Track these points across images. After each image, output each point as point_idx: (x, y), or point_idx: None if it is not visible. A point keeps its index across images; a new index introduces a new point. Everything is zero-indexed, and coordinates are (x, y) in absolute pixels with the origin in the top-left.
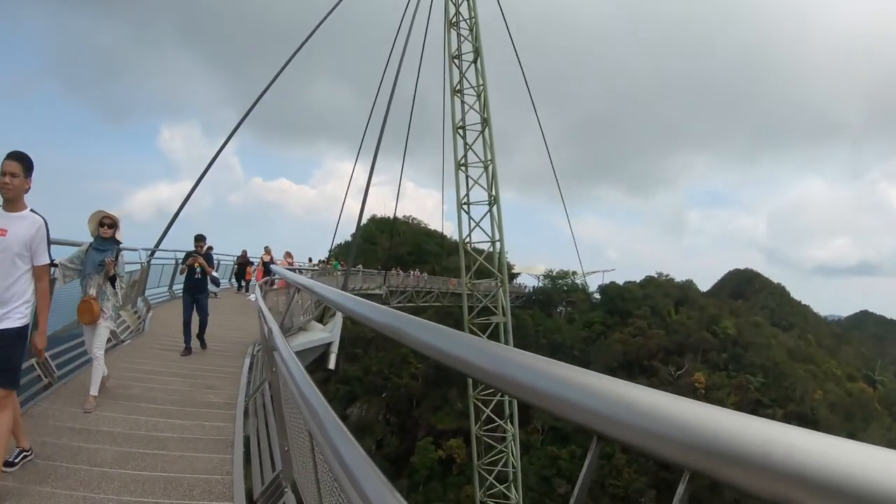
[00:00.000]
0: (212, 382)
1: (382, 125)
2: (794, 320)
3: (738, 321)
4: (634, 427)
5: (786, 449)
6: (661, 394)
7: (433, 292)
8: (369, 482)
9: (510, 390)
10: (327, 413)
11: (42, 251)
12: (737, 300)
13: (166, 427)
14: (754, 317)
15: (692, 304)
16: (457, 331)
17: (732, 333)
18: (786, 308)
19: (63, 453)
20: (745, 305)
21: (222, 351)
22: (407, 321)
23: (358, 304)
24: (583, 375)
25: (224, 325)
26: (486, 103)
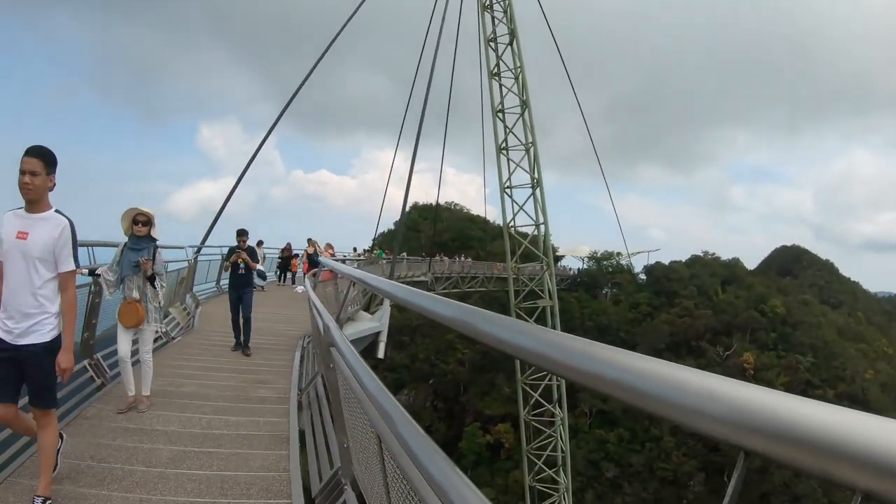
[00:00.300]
0: (264, 377)
1: (422, 112)
2: (844, 297)
3: (786, 299)
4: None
5: (844, 430)
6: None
7: (478, 277)
8: (449, 483)
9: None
10: (398, 411)
11: (66, 256)
12: (784, 278)
13: (220, 424)
14: (803, 295)
15: (739, 282)
16: (539, 326)
17: (781, 312)
18: (834, 285)
19: (118, 454)
20: (793, 283)
21: (272, 345)
22: (470, 312)
23: (415, 295)
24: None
25: (272, 318)
26: (524, 85)
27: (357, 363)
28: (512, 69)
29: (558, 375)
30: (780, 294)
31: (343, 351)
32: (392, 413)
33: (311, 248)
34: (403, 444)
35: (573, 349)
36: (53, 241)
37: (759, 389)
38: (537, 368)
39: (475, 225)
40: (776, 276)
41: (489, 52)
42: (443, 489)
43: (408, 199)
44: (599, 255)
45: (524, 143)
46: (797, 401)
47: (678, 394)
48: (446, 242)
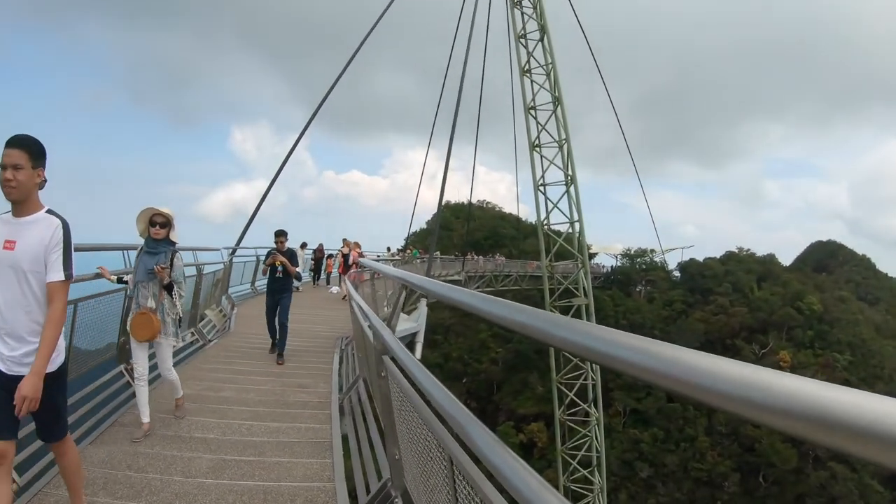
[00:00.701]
0: (303, 381)
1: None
2: (881, 294)
3: (822, 296)
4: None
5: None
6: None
7: (511, 276)
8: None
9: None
10: (483, 434)
11: (55, 263)
12: (820, 274)
13: (261, 431)
14: (839, 291)
15: (775, 279)
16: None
17: (818, 309)
18: (872, 281)
19: (156, 464)
20: (830, 279)
21: (310, 347)
22: (544, 318)
23: (470, 296)
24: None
25: (308, 320)
26: (556, 81)
27: (424, 377)
28: (543, 65)
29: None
30: (817, 291)
31: (402, 361)
32: (475, 435)
33: (346, 248)
34: (491, 470)
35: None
36: (44, 247)
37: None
38: (573, 368)
39: (507, 223)
40: (812, 273)
41: (520, 48)
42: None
43: (443, 196)
44: (633, 252)
45: (557, 140)
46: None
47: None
48: (479, 241)
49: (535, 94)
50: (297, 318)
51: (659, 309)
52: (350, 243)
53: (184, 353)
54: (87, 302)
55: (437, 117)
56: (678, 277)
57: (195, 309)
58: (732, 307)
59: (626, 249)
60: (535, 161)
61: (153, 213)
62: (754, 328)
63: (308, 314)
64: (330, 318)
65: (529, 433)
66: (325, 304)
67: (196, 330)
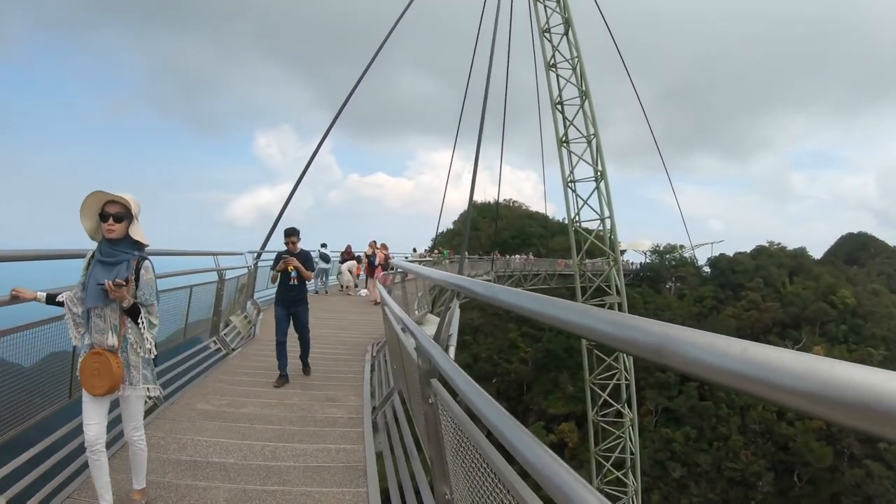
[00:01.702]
0: (332, 393)
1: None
2: None
3: (855, 290)
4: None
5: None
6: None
7: (540, 275)
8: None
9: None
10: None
11: None
12: (851, 267)
13: (286, 454)
14: (871, 284)
15: (807, 273)
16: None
17: (851, 303)
18: None
19: (168, 496)
20: (862, 272)
21: (338, 355)
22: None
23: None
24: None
25: (335, 325)
26: (583, 75)
27: (492, 411)
28: (569, 59)
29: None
30: (849, 284)
31: (458, 386)
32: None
33: (370, 250)
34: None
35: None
36: None
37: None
38: (606, 368)
39: (534, 222)
40: (844, 266)
41: (544, 43)
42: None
43: (473, 195)
44: (662, 248)
45: (585, 135)
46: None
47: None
48: (506, 240)
49: (562, 88)
50: (323, 324)
51: (689, 305)
52: (377, 245)
53: (205, 364)
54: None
55: (462, 117)
56: (708, 273)
57: (217, 317)
58: (764, 302)
59: (654, 246)
60: (563, 157)
61: (104, 200)
62: (787, 323)
63: (335, 319)
64: (358, 323)
65: (560, 433)
66: (352, 307)
67: (218, 339)
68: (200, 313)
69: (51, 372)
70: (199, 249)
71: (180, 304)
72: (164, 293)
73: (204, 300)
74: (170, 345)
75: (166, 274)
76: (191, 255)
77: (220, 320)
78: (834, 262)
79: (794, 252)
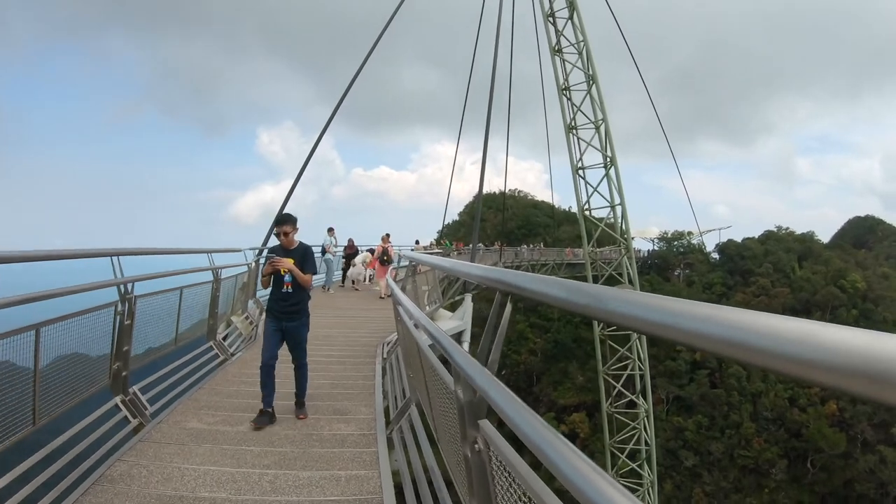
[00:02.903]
0: (340, 404)
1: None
2: None
3: (865, 273)
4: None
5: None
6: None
7: (548, 264)
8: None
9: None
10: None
11: None
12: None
13: (288, 485)
14: (881, 268)
15: (816, 257)
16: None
17: (861, 287)
18: None
19: None
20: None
21: (346, 357)
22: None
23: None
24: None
25: (342, 323)
26: (589, 58)
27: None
28: (574, 44)
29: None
30: (858, 268)
31: (524, 430)
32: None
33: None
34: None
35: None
36: None
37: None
38: (620, 358)
39: (540, 211)
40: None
41: (549, 28)
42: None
43: (483, 187)
44: (670, 235)
45: (594, 121)
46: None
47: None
48: (512, 230)
49: (569, 74)
50: (328, 323)
51: (699, 292)
52: (388, 239)
53: (200, 373)
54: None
55: (465, 107)
56: (717, 259)
57: (213, 320)
58: (774, 288)
59: (662, 233)
60: (571, 144)
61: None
62: (797, 309)
63: (341, 317)
64: (366, 321)
65: (571, 424)
66: (359, 303)
67: (216, 343)
68: (194, 317)
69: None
70: (197, 247)
71: (170, 308)
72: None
73: (198, 302)
74: (158, 354)
75: (152, 275)
76: (181, 253)
77: (217, 323)
78: (843, 246)
79: (803, 237)
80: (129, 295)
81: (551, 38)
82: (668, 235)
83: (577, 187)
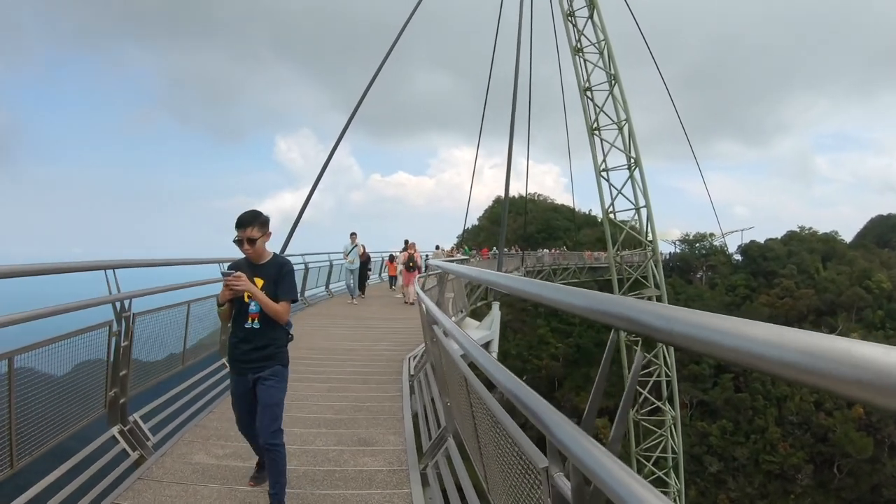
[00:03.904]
0: (365, 432)
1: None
2: None
3: (890, 273)
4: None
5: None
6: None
7: (570, 269)
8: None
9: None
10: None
11: None
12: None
13: None
14: None
15: (840, 258)
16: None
17: (887, 287)
18: None
19: None
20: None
21: (369, 374)
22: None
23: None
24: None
25: (363, 335)
26: (611, 57)
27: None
28: (595, 43)
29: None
30: (883, 268)
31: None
32: None
33: (413, 250)
34: None
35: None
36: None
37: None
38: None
39: (560, 215)
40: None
41: (569, 28)
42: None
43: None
44: (691, 237)
45: (616, 122)
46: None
47: None
48: (532, 234)
49: (590, 73)
50: (348, 335)
51: (721, 295)
52: (415, 248)
53: (211, 395)
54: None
55: (482, 111)
56: (739, 261)
57: (226, 335)
58: (798, 289)
59: (684, 235)
60: (594, 145)
61: None
62: (822, 310)
63: (362, 328)
64: (389, 331)
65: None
66: (381, 311)
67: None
68: (204, 332)
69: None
70: (210, 257)
71: (176, 325)
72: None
73: (209, 316)
74: (162, 376)
75: (152, 290)
76: (188, 264)
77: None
78: (867, 245)
79: (826, 237)
80: (126, 313)
81: (572, 38)
82: (689, 237)
83: (601, 190)
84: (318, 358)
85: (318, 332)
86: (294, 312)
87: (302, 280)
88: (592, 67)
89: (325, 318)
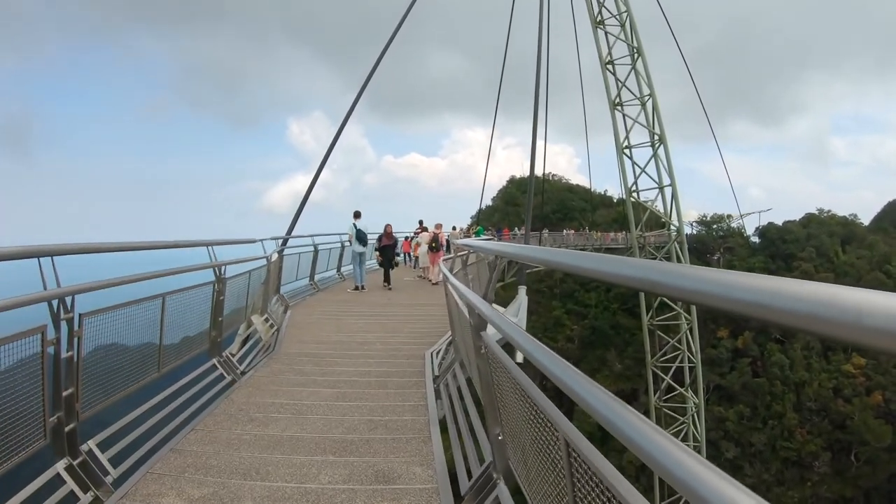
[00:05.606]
0: (383, 460)
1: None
2: None
3: None
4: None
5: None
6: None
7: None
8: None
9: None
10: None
11: None
12: None
13: None
14: None
15: (859, 241)
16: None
17: None
18: None
19: None
20: None
21: (386, 375)
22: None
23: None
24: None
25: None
26: (634, 29)
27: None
28: (616, 15)
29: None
30: None
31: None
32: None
33: (438, 230)
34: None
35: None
36: None
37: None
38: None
39: (576, 195)
40: None
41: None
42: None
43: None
44: (709, 218)
45: (639, 97)
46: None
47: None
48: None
49: (612, 46)
50: (362, 326)
51: None
52: (440, 228)
53: (195, 406)
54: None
55: (497, 91)
56: (757, 243)
57: (217, 331)
58: (817, 273)
59: (701, 216)
60: (616, 121)
61: None
62: None
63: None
64: (407, 320)
65: None
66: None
67: (221, 361)
68: (189, 330)
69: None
70: (200, 239)
71: (147, 323)
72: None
73: (195, 310)
74: (130, 388)
75: (104, 283)
76: (159, 248)
77: (222, 335)
78: (886, 229)
79: (845, 220)
80: (68, 314)
81: (593, 10)
82: (707, 219)
83: (623, 168)
84: (326, 354)
85: (328, 321)
86: (303, 298)
87: (311, 263)
88: (614, 40)
89: (336, 304)
